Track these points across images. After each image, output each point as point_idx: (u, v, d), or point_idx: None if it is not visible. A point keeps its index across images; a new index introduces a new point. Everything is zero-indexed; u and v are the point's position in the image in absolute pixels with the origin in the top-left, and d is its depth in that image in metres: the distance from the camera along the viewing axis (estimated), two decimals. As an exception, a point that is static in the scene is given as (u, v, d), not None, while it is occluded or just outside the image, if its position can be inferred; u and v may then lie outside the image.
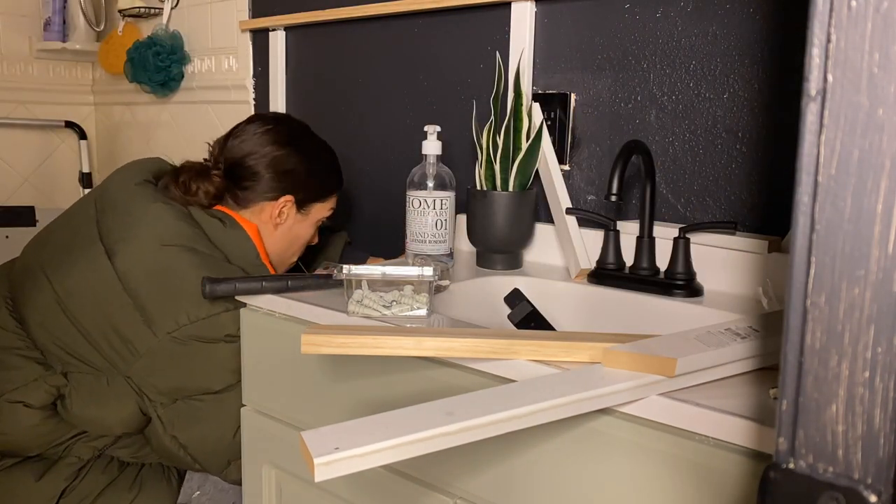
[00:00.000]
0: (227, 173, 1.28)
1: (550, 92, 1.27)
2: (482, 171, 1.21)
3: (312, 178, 1.32)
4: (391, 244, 1.56)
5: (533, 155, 1.19)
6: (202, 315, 1.11)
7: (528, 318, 1.06)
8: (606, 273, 1.11)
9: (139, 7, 2.02)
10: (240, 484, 1.21)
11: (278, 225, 1.30)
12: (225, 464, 1.21)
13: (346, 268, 0.95)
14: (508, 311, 1.07)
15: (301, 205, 1.32)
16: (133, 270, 1.14)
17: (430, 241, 1.21)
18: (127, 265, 1.14)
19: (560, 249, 1.25)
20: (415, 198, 1.21)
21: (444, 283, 1.06)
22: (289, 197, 1.29)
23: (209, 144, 1.33)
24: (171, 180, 1.25)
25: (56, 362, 1.17)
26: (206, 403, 1.17)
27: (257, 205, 1.28)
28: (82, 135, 2.27)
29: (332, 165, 1.38)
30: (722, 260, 1.07)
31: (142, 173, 1.27)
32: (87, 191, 2.26)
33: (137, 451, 1.24)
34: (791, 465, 0.39)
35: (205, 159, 1.32)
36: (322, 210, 1.36)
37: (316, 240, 1.41)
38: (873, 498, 0.36)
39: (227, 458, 1.20)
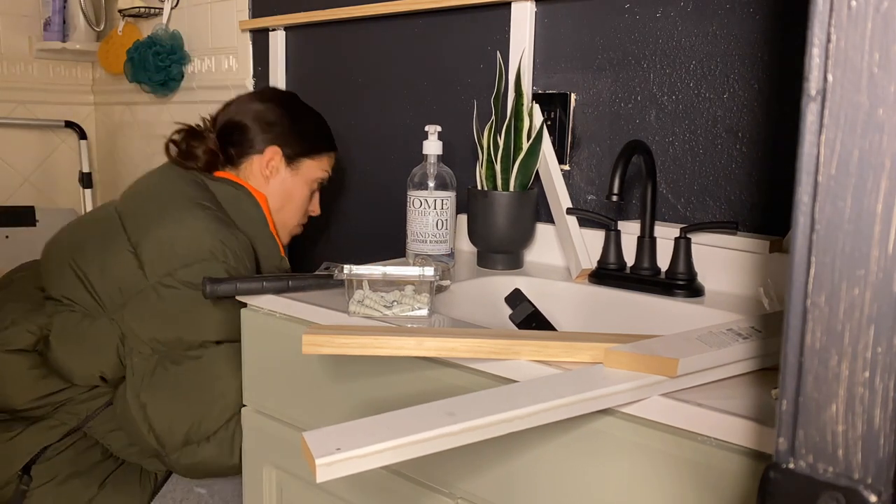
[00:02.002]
0: (219, 135, 1.35)
1: (550, 92, 1.27)
2: (483, 171, 1.21)
3: (297, 132, 1.37)
4: (392, 244, 1.56)
5: (534, 155, 1.19)
6: (195, 260, 1.14)
7: (529, 318, 1.06)
8: (607, 273, 1.11)
9: (139, 7, 2.02)
10: (189, 475, 1.19)
11: (268, 178, 1.34)
12: (179, 444, 1.15)
13: (346, 268, 0.95)
14: (510, 311, 1.07)
15: (290, 158, 1.35)
16: (136, 217, 1.22)
17: (430, 241, 1.21)
18: (130, 213, 1.23)
19: (561, 249, 1.25)
20: (415, 198, 1.21)
21: (445, 283, 1.07)
22: (275, 148, 1.33)
23: (202, 118, 1.40)
24: (172, 145, 1.34)
25: (48, 306, 1.20)
26: (183, 367, 1.14)
27: (247, 159, 1.34)
28: (82, 135, 2.27)
29: (319, 126, 1.42)
30: (723, 260, 1.07)
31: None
32: (87, 191, 2.26)
33: (124, 446, 1.21)
34: (791, 465, 0.39)
35: (197, 125, 1.39)
36: (314, 168, 1.38)
37: (316, 209, 1.44)
38: (873, 498, 0.36)
39: (184, 439, 1.15)
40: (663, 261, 1.08)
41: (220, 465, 1.17)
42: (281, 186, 1.35)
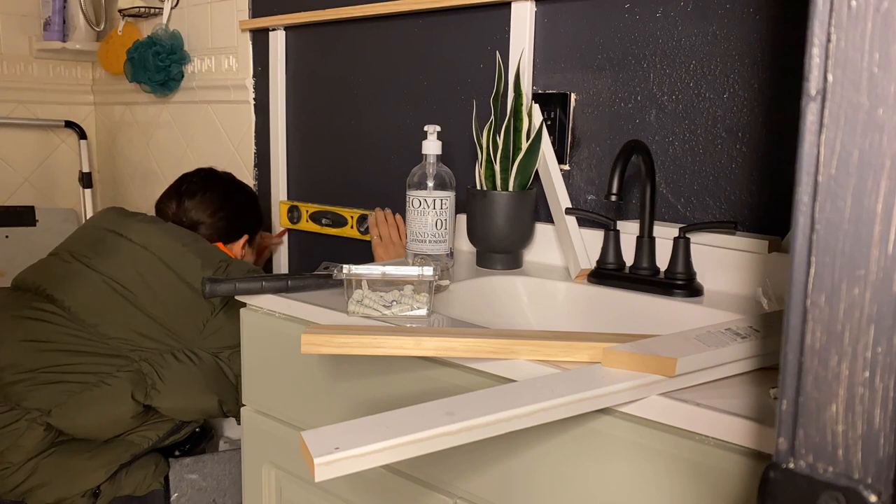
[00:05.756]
0: (190, 228, 1.50)
1: (550, 92, 1.27)
2: (482, 171, 1.21)
3: (256, 217, 1.63)
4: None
5: (533, 155, 1.19)
6: (218, 262, 1.38)
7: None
8: (606, 273, 1.11)
9: (139, 7, 2.02)
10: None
11: (244, 257, 1.59)
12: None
13: (345, 267, 0.95)
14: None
15: (252, 240, 1.61)
16: (160, 247, 1.38)
17: (430, 241, 1.21)
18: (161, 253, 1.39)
19: (560, 249, 1.25)
20: (415, 198, 1.21)
21: (444, 282, 1.06)
22: (245, 237, 1.58)
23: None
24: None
25: (130, 353, 1.30)
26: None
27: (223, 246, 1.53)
28: (82, 135, 2.27)
29: (257, 198, 1.66)
30: (722, 260, 1.07)
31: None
32: (87, 191, 2.26)
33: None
34: (791, 465, 0.39)
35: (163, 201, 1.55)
36: (260, 232, 1.66)
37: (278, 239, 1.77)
38: (873, 498, 0.36)
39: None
40: (662, 260, 1.08)
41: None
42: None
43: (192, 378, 1.30)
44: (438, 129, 1.21)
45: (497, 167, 1.19)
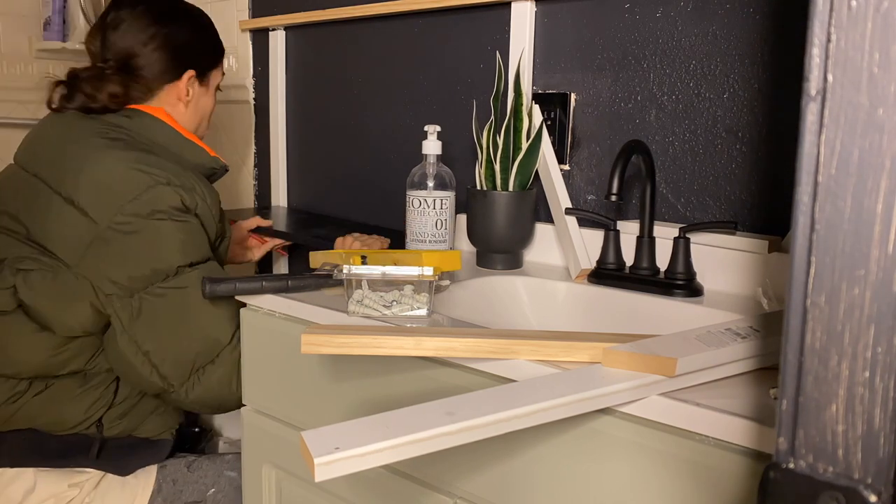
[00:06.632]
0: (121, 69, 1.25)
1: (550, 92, 1.27)
2: (482, 171, 1.21)
3: (204, 46, 1.33)
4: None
5: (533, 155, 1.19)
6: (139, 191, 1.12)
7: None
8: (606, 273, 1.11)
9: (139, 7, 2.01)
10: (198, 407, 1.19)
11: (188, 102, 1.31)
12: (186, 375, 1.15)
13: (346, 267, 0.95)
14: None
15: (202, 76, 1.32)
16: (55, 171, 1.17)
17: (430, 241, 1.21)
18: (46, 169, 1.18)
19: (560, 249, 1.25)
20: (415, 197, 1.21)
21: (445, 283, 1.07)
22: (190, 72, 1.29)
23: (84, 45, 1.32)
24: (76, 92, 1.25)
25: (4, 271, 1.15)
26: (168, 299, 1.13)
27: (161, 89, 1.28)
28: (82, 134, 2.26)
29: (214, 31, 1.37)
30: (722, 260, 1.07)
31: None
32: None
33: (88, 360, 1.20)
34: (791, 465, 0.39)
35: (89, 50, 1.30)
36: (217, 75, 1.37)
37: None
38: (873, 498, 0.36)
39: (190, 368, 1.15)
40: (662, 261, 1.08)
41: (229, 393, 1.18)
42: (197, 106, 1.33)
43: (66, 294, 1.12)
44: (438, 128, 1.21)
45: (497, 167, 1.19)
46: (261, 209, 1.85)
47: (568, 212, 1.18)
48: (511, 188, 1.19)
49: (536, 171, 1.22)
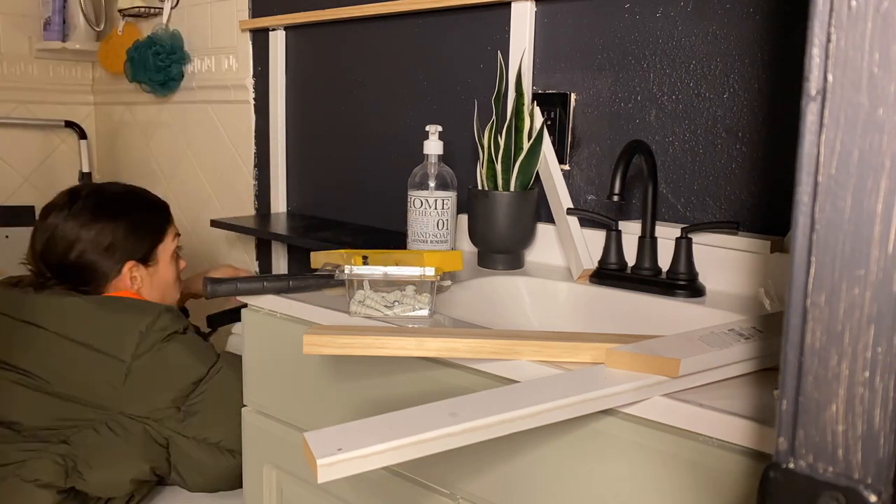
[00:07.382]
0: (62, 278, 1.26)
1: (550, 92, 1.27)
2: (483, 171, 1.21)
3: (138, 233, 1.30)
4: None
5: (534, 155, 1.19)
6: (144, 328, 1.17)
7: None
8: (608, 273, 1.11)
9: (139, 7, 2.02)
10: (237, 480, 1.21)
11: (140, 288, 1.31)
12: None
13: (347, 268, 0.95)
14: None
15: (146, 260, 1.31)
16: (72, 328, 1.18)
17: (431, 242, 1.21)
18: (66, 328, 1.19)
19: (562, 249, 1.25)
20: (416, 198, 1.21)
21: (446, 283, 1.07)
22: (130, 263, 1.29)
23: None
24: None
25: (52, 438, 1.16)
26: (206, 394, 1.20)
27: (109, 285, 1.29)
28: (82, 134, 2.27)
29: (147, 205, 1.35)
30: (724, 260, 1.07)
31: None
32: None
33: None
34: (791, 465, 0.39)
35: (30, 270, 1.30)
36: (168, 247, 1.35)
37: (184, 264, 1.42)
38: (873, 498, 0.36)
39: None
40: (664, 261, 1.08)
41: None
42: (151, 285, 1.33)
43: (118, 448, 1.15)
44: (440, 129, 1.21)
45: (498, 167, 1.19)
46: (259, 216, 1.85)
47: (569, 212, 1.18)
48: (512, 188, 1.19)
49: (537, 172, 1.22)
